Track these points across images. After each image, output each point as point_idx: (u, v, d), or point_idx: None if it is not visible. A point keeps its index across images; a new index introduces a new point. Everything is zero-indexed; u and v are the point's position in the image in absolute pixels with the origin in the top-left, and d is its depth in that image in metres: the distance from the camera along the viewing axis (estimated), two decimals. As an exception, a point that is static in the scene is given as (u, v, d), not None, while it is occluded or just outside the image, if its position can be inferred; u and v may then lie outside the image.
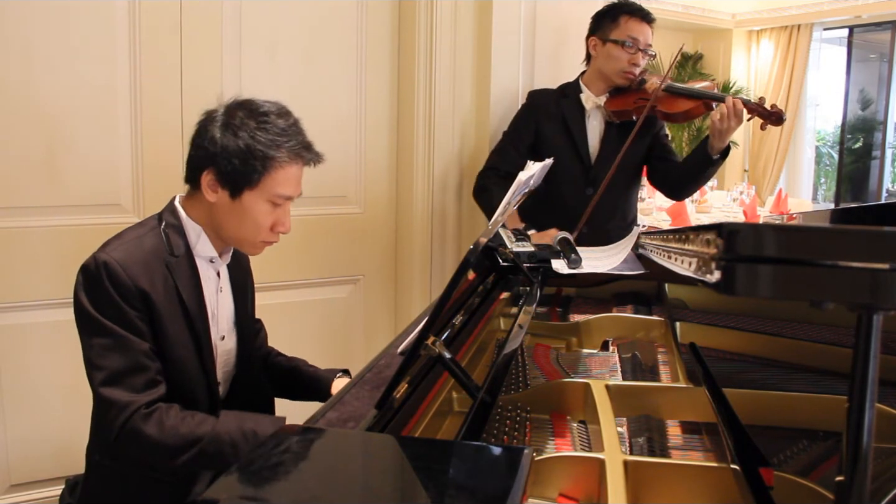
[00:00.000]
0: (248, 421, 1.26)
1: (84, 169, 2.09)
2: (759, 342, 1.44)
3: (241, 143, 1.27)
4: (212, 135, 1.29)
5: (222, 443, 1.22)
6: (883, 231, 0.49)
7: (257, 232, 1.33)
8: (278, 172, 1.29)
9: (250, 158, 1.27)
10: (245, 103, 1.32)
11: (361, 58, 2.53)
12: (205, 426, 1.22)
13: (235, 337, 1.47)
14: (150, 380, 1.23)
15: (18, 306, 2.05)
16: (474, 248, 1.00)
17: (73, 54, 2.03)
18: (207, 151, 1.29)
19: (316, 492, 0.69)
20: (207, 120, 1.32)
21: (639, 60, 2.25)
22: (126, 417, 1.19)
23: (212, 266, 1.39)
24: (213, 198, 1.31)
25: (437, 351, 1.01)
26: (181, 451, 1.20)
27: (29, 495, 2.11)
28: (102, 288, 1.22)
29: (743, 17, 8.01)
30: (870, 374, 0.52)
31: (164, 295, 1.27)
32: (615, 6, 2.29)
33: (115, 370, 1.20)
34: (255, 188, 1.29)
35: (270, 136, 1.28)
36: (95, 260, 1.23)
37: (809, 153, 8.02)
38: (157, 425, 1.19)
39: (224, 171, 1.28)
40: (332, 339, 2.60)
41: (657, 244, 1.04)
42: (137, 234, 1.31)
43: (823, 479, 0.88)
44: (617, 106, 2.29)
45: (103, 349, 1.21)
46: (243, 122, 1.28)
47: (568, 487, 0.94)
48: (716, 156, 2.18)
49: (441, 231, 2.60)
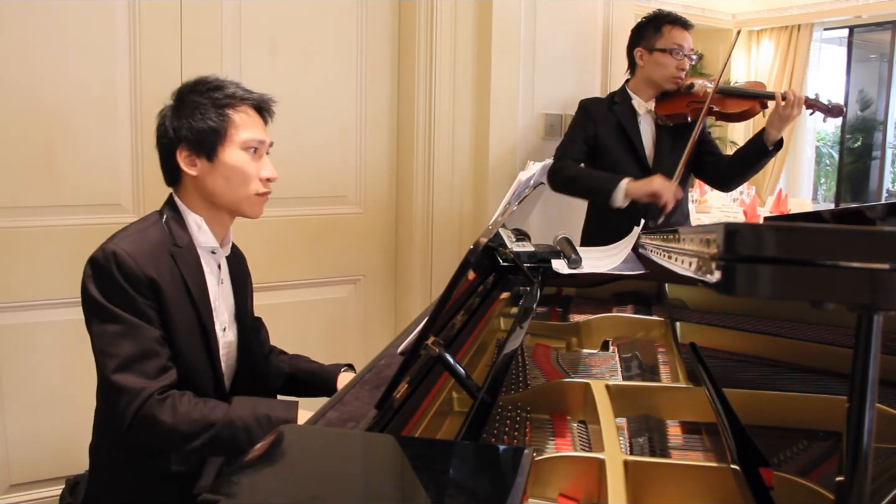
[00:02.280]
0: (262, 406, 1.28)
1: (84, 169, 2.09)
2: (760, 342, 1.44)
3: (194, 110, 1.33)
4: (169, 122, 1.36)
5: (236, 428, 1.23)
6: (883, 231, 0.49)
7: (247, 184, 1.36)
8: (235, 118, 1.35)
9: (206, 117, 1.33)
10: (184, 84, 1.39)
11: (361, 58, 2.53)
12: (218, 411, 1.24)
13: (236, 330, 1.48)
14: (161, 366, 1.25)
15: (18, 306, 2.05)
16: (474, 248, 1.00)
17: (74, 54, 2.03)
18: (169, 136, 1.35)
19: (316, 492, 0.69)
20: (161, 116, 1.39)
21: (685, 65, 2.39)
22: (140, 404, 1.20)
23: (213, 257, 1.41)
24: (194, 170, 1.35)
25: (437, 351, 1.01)
26: (194, 436, 1.21)
27: (29, 495, 2.11)
28: (112, 277, 1.23)
29: (743, 17, 8.01)
30: (870, 375, 0.52)
31: (171, 284, 1.29)
32: (656, 17, 2.41)
33: (127, 357, 1.21)
34: (224, 143, 1.34)
35: (214, 94, 1.35)
36: (104, 251, 1.25)
37: (809, 153, 8.03)
38: (171, 411, 1.21)
39: (191, 141, 1.33)
40: (332, 339, 2.60)
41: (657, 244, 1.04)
42: (141, 226, 1.34)
43: (823, 479, 0.88)
44: (670, 110, 2.41)
45: (114, 336, 1.22)
46: (188, 96, 1.35)
47: (568, 487, 0.94)
48: (771, 147, 2.32)
49: (441, 231, 2.60)
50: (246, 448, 1.22)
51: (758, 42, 8.14)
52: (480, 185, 2.59)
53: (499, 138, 2.55)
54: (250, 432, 1.23)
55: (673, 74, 2.37)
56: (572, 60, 2.68)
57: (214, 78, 1.39)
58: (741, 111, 2.38)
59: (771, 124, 2.30)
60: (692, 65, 2.42)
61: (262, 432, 1.23)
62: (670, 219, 2.39)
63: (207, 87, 1.36)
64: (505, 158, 2.58)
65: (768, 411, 1.09)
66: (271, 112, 1.44)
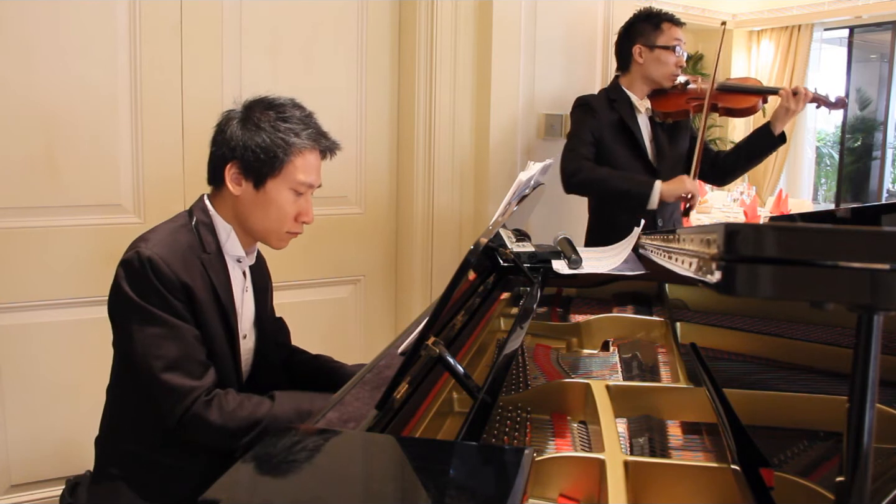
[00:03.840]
0: (304, 401, 1.32)
1: (84, 169, 2.09)
2: (760, 342, 1.44)
3: (262, 133, 1.33)
4: (232, 130, 1.34)
5: (281, 424, 1.25)
6: (883, 231, 0.49)
7: (283, 222, 1.37)
8: (298, 159, 1.35)
9: (271, 147, 1.32)
10: (261, 99, 1.38)
11: (361, 58, 2.53)
12: (263, 408, 1.27)
13: (255, 336, 1.50)
14: (205, 365, 1.28)
15: (19, 306, 2.05)
16: (474, 248, 1.00)
17: (74, 54, 2.03)
18: (229, 146, 1.34)
19: (316, 492, 0.69)
20: (227, 118, 1.37)
21: (683, 63, 2.41)
22: (189, 404, 1.23)
23: (238, 266, 1.43)
24: (237, 191, 1.35)
25: (437, 351, 1.01)
26: (243, 433, 1.25)
27: (29, 495, 2.11)
28: (148, 281, 1.24)
29: (743, 18, 8.01)
30: (870, 375, 0.52)
31: (203, 289, 1.31)
32: (654, 15, 2.41)
33: (173, 358, 1.24)
34: (277, 176, 1.34)
35: (289, 125, 1.34)
36: (139, 255, 1.25)
37: (810, 153, 8.02)
38: (219, 410, 1.24)
39: (247, 162, 1.33)
40: (332, 339, 2.60)
41: (657, 244, 1.04)
42: (171, 228, 1.34)
43: (824, 479, 0.88)
44: (670, 107, 2.42)
45: (157, 338, 1.24)
46: (262, 115, 1.34)
47: (568, 488, 0.94)
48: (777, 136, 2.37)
49: (441, 231, 2.60)
50: None
51: (758, 42, 8.13)
52: (480, 186, 2.59)
53: (499, 138, 2.55)
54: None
55: (673, 71, 2.39)
56: (572, 60, 2.68)
57: (293, 106, 1.38)
58: (747, 107, 2.40)
59: (776, 117, 2.34)
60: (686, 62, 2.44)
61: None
62: (670, 218, 2.40)
63: (284, 115, 1.35)
64: (505, 158, 2.58)
65: (768, 411, 1.09)
66: (332, 154, 1.44)
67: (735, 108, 2.41)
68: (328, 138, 1.41)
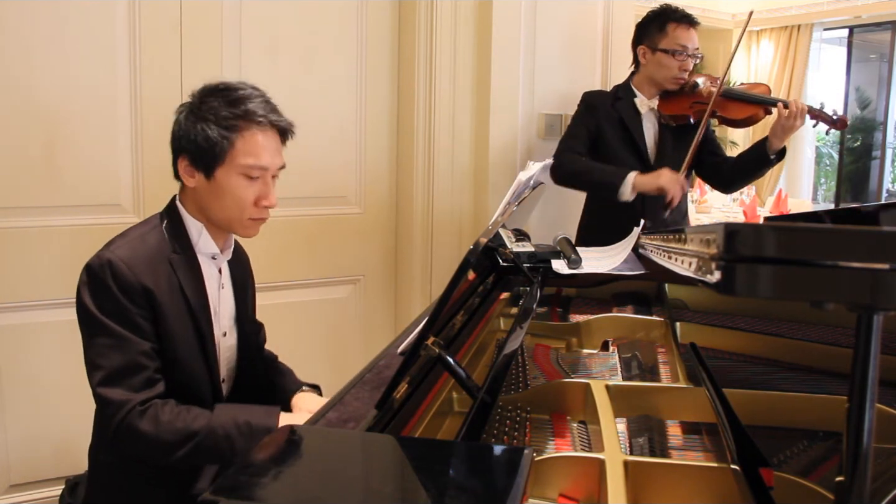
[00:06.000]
0: (242, 413, 1.27)
1: (84, 169, 2.09)
2: (760, 342, 1.44)
3: (202, 122, 1.29)
4: (180, 123, 1.32)
5: (217, 437, 1.23)
6: (883, 231, 0.49)
7: (242, 209, 1.33)
8: (241, 143, 1.29)
9: (211, 135, 1.28)
10: (206, 86, 1.34)
11: (361, 58, 2.53)
12: (200, 420, 1.23)
13: (236, 333, 1.47)
14: (147, 378, 1.24)
15: (18, 306, 2.05)
16: (474, 248, 1.00)
17: (73, 54, 2.03)
18: (178, 140, 1.32)
19: (316, 492, 0.69)
20: (178, 111, 1.34)
21: (689, 66, 2.35)
22: (123, 415, 1.20)
23: (213, 263, 1.41)
24: (192, 183, 1.33)
25: (437, 351, 1.01)
26: (178, 446, 1.21)
27: (29, 495, 2.11)
28: (105, 287, 1.22)
29: (743, 17, 8.00)
30: (870, 375, 0.52)
31: (167, 292, 1.28)
32: (661, 14, 2.35)
33: (114, 369, 1.21)
34: (223, 163, 1.30)
35: (229, 110, 1.29)
36: (100, 259, 1.24)
37: (809, 153, 8.02)
38: (153, 421, 1.21)
39: (193, 154, 1.31)
40: (332, 339, 2.60)
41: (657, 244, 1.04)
42: (141, 231, 1.33)
43: (823, 479, 0.88)
44: (673, 110, 2.38)
45: (104, 348, 1.22)
46: (204, 103, 1.30)
47: (568, 488, 0.94)
48: (772, 156, 2.28)
49: (441, 231, 2.60)
50: (228, 456, 1.23)
51: (758, 42, 8.14)
52: (480, 186, 2.59)
53: (499, 138, 2.55)
54: (232, 440, 1.23)
55: (675, 75, 2.34)
56: (572, 60, 2.68)
57: (241, 87, 1.32)
58: (744, 117, 2.33)
59: (773, 134, 2.25)
60: (696, 64, 2.37)
61: (243, 440, 1.23)
62: (670, 216, 2.39)
63: (228, 98, 1.30)
64: (505, 158, 2.58)
65: (768, 411, 1.09)
66: (292, 136, 1.38)
67: (733, 118, 2.35)
68: (274, 113, 1.32)
